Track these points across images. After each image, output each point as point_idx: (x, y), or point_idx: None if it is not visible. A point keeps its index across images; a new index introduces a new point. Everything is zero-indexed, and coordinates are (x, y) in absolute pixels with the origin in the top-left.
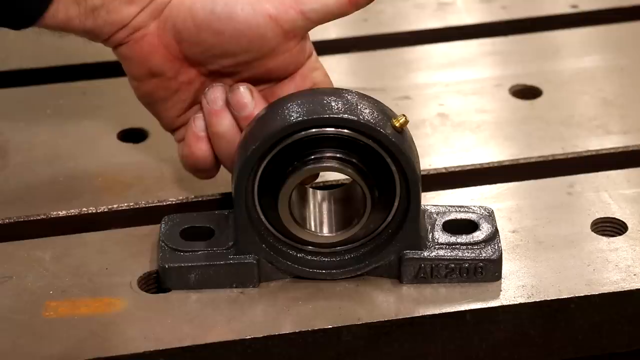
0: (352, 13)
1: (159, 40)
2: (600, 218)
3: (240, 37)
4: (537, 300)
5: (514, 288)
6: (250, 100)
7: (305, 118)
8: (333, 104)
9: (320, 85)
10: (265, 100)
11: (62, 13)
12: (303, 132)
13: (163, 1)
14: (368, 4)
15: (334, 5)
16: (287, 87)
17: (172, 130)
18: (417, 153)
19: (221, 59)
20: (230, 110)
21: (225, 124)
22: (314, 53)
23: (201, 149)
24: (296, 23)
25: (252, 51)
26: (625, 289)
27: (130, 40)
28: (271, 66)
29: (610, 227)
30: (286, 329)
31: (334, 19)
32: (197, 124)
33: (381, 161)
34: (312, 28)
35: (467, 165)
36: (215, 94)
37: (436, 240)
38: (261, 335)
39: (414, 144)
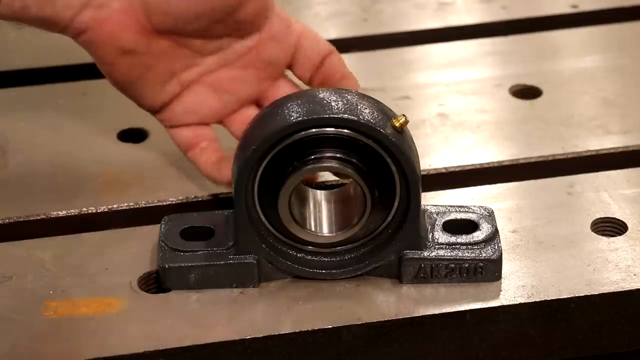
0: None
1: (125, 17)
2: (600, 218)
3: None
4: (537, 300)
5: (514, 288)
6: None
7: (305, 118)
8: (333, 104)
9: (305, 34)
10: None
11: (17, 1)
12: (303, 132)
13: None
14: None
15: None
16: (283, 87)
17: (155, 111)
18: (417, 153)
19: (193, 23)
20: None
21: None
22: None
23: (227, 175)
24: None
25: (222, 5)
26: (625, 289)
27: (94, 25)
28: (242, 17)
29: (610, 227)
30: (286, 329)
31: None
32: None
33: (381, 161)
34: None
35: (467, 165)
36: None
37: (436, 240)
38: (261, 335)
39: (414, 144)
